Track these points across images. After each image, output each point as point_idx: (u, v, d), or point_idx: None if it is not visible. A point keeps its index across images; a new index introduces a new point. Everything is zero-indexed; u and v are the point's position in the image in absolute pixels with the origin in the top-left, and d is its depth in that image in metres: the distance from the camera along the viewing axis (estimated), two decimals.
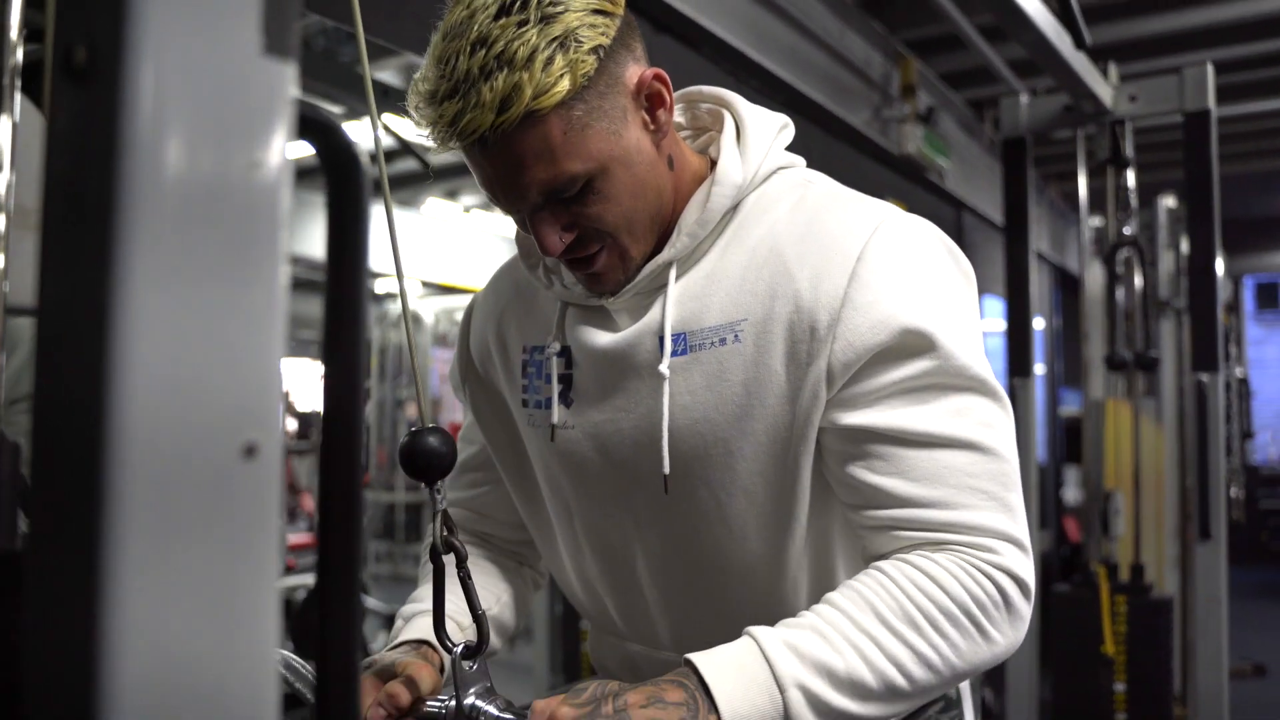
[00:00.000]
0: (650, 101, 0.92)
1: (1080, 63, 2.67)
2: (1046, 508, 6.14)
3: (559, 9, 0.84)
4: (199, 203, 0.37)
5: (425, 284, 7.71)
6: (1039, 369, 6.48)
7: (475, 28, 0.83)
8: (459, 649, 0.89)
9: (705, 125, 1.05)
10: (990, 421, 0.89)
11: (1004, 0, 2.21)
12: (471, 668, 0.89)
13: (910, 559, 0.86)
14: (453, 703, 0.89)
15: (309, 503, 6.70)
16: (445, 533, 0.88)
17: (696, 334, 0.93)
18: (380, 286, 8.11)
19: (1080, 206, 3.16)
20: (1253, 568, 9.57)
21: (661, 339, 0.94)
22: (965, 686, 1.10)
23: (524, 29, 0.82)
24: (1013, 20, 2.36)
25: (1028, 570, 0.87)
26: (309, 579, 4.41)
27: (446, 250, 7.28)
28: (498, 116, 0.83)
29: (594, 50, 0.86)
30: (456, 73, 0.83)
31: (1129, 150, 2.96)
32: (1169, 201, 4.71)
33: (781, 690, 0.80)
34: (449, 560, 0.89)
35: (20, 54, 0.90)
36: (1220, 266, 5.39)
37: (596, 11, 0.86)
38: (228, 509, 0.38)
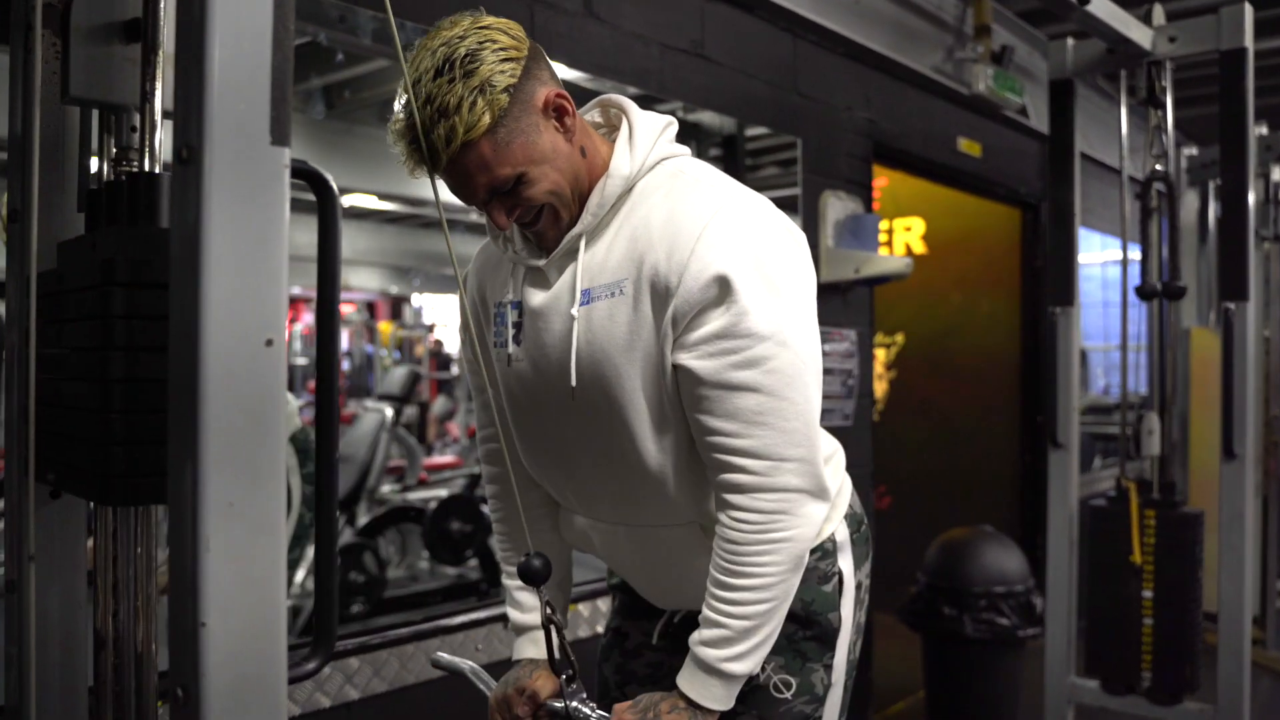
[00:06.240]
0: (558, 112, 1.26)
1: (1108, 11, 2.83)
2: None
3: (475, 65, 1.18)
4: (240, 215, 0.78)
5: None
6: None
7: (423, 89, 1.19)
8: (565, 675, 1.34)
9: (615, 124, 1.40)
10: (777, 368, 1.23)
11: None
12: (574, 687, 1.36)
13: (739, 556, 1.26)
14: (561, 704, 1.38)
15: (455, 430, 7.35)
16: (549, 611, 1.29)
17: (596, 289, 1.29)
18: None
19: (1121, 141, 3.30)
20: None
21: (574, 293, 1.30)
22: (844, 538, 1.46)
23: (453, 84, 1.18)
24: None
25: (808, 481, 1.26)
26: (442, 492, 5.09)
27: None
28: (445, 150, 1.20)
29: (505, 89, 1.20)
30: (414, 123, 1.20)
31: (1169, 89, 3.09)
32: (1261, 129, 4.68)
33: (719, 677, 1.29)
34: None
35: None
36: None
37: (505, 60, 1.20)
38: (258, 382, 0.79)
